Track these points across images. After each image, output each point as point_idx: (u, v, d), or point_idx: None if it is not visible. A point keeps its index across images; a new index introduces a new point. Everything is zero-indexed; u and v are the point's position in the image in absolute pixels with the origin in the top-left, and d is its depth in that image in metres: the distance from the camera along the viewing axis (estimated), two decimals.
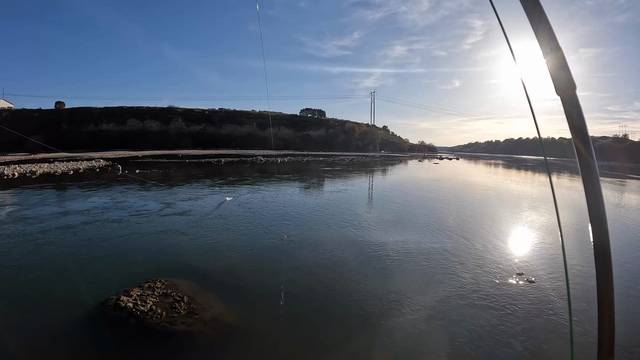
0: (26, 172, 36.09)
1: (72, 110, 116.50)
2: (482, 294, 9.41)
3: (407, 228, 16.32)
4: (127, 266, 11.09)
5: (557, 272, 11.01)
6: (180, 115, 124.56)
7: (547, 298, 9.28)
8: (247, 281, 10.08)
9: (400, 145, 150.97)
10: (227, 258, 12.00)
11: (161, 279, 9.43)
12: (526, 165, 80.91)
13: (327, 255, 12.40)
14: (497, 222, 18.60)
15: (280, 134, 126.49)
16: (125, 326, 7.40)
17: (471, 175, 51.24)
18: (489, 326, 7.75)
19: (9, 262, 11.31)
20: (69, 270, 10.66)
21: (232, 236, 14.59)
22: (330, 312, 8.42)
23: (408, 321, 7.98)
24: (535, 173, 57.58)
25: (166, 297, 8.46)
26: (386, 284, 10.10)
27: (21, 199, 22.39)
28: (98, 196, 24.11)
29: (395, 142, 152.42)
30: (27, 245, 13.03)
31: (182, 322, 7.51)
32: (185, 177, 37.08)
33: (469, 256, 12.50)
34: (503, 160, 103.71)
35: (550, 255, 12.70)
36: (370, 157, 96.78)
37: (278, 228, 15.83)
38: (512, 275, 10.71)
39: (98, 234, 14.50)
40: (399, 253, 12.71)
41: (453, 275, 10.67)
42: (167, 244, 13.43)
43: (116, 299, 8.22)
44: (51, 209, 19.25)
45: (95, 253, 12.32)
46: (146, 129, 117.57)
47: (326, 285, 9.98)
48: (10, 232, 14.59)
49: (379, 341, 7.25)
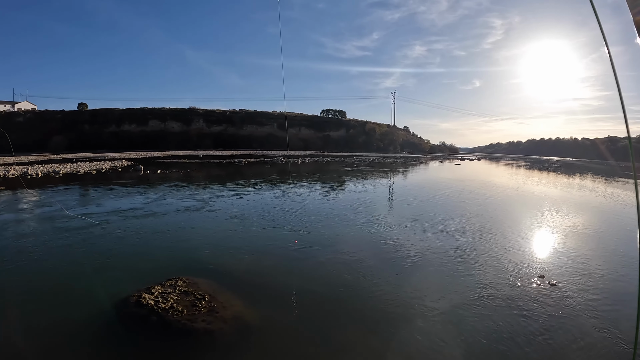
0: (49, 172, 36.87)
1: (95, 112, 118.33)
2: (503, 296, 9.25)
3: (428, 228, 16.19)
4: (148, 264, 11.25)
5: (578, 276, 10.79)
6: (201, 116, 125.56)
7: (569, 301, 9.09)
8: (267, 280, 10.13)
9: (421, 146, 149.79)
10: (246, 257, 12.08)
11: (182, 277, 9.53)
12: (549, 166, 79.58)
13: (346, 255, 12.37)
14: (518, 223, 18.31)
15: (300, 135, 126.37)
16: (146, 323, 7.49)
17: (493, 176, 50.61)
18: (509, 329, 7.62)
19: (34, 260, 11.58)
20: (91, 268, 10.85)
21: (252, 235, 14.68)
22: (349, 312, 8.40)
23: (426, 323, 7.90)
24: (557, 174, 56.62)
25: (187, 295, 8.53)
26: (406, 283, 10.03)
27: (44, 198, 22.87)
28: (120, 196, 24.52)
29: (416, 143, 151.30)
30: (51, 243, 13.32)
31: (203, 320, 7.57)
32: (206, 178, 37.44)
33: (491, 257, 12.31)
34: (525, 161, 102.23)
35: (572, 259, 12.41)
36: (391, 157, 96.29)
37: (297, 228, 15.88)
38: (534, 277, 10.53)
39: (120, 233, 14.74)
40: (420, 253, 12.60)
41: (473, 277, 10.53)
42: (188, 243, 13.59)
43: (138, 296, 8.33)
44: (73, 209, 19.60)
45: (118, 251, 12.52)
46: (167, 130, 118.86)
47: (345, 284, 9.95)
48: (34, 231, 14.93)
49: (396, 341, 7.19)
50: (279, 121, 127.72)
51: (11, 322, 7.73)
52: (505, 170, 67.91)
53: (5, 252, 12.13)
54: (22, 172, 35.42)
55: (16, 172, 34.72)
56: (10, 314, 8.09)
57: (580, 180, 46.43)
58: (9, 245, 12.99)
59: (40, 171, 36.69)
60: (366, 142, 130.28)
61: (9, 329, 7.47)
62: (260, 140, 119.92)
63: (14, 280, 9.98)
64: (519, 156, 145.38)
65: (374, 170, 52.13)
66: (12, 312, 8.21)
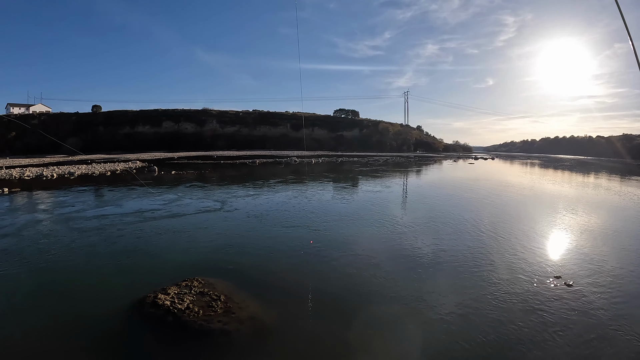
0: (65, 173, 37.32)
1: (109, 114, 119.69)
2: (518, 298, 9.11)
3: (443, 229, 16.01)
4: (164, 264, 11.33)
5: (595, 275, 10.61)
6: (215, 117, 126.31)
7: (585, 301, 8.92)
8: (282, 280, 10.11)
9: (434, 145, 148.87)
10: (262, 257, 12.09)
11: (198, 277, 9.56)
12: (564, 165, 78.59)
13: (361, 255, 12.32)
14: (534, 223, 18.03)
15: (314, 135, 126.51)
16: (162, 323, 7.52)
17: (508, 175, 50.07)
18: (524, 331, 7.50)
19: (54, 261, 11.75)
20: (108, 268, 10.98)
21: (267, 236, 14.69)
22: (364, 313, 8.32)
23: (441, 324, 7.82)
24: (572, 173, 55.91)
25: (203, 296, 8.53)
26: (421, 284, 9.93)
27: (60, 200, 23.18)
28: (135, 197, 24.77)
29: (429, 142, 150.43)
30: (68, 244, 13.50)
31: (219, 321, 7.56)
32: (220, 178, 37.60)
33: (506, 258, 12.14)
34: (539, 160, 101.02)
35: (588, 259, 12.19)
36: (405, 157, 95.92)
37: (312, 228, 15.85)
38: (550, 278, 10.36)
39: (136, 233, 14.87)
40: (434, 253, 12.48)
41: (487, 278, 10.39)
42: (204, 244, 13.64)
43: (154, 297, 8.37)
44: (90, 210, 19.82)
45: (134, 252, 12.65)
46: (181, 131, 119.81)
47: (360, 285, 9.90)
48: (50, 233, 15.13)
49: (412, 342, 7.12)
50: (292, 121, 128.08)
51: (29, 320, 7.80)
52: (519, 169, 67.24)
53: (26, 253, 12.33)
54: (37, 173, 35.83)
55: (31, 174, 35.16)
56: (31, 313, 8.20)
57: (596, 179, 45.78)
58: (29, 246, 13.21)
59: (56, 172, 37.09)
60: (379, 141, 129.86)
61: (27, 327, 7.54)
62: (274, 141, 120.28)
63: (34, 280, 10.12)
64: (533, 155, 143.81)
65: (388, 170, 51.94)
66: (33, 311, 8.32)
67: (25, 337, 7.23)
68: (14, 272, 10.61)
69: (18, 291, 9.40)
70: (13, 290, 9.41)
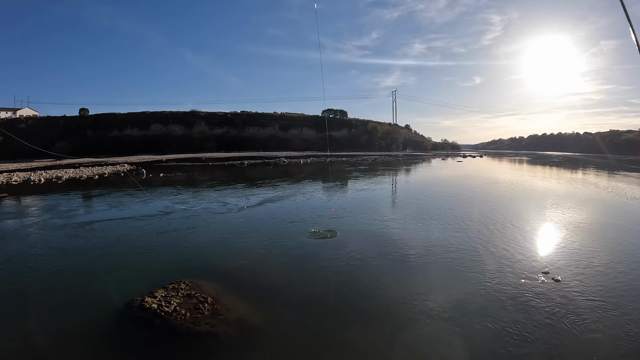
0: (52, 178, 36.87)
1: (97, 117, 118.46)
2: (506, 294, 9.18)
3: (432, 226, 16.09)
4: (151, 268, 11.25)
5: (583, 271, 10.73)
6: (203, 119, 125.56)
7: (572, 297, 9.01)
8: (270, 282, 10.10)
9: (423, 144, 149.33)
10: (250, 258, 12.05)
11: (185, 280, 9.52)
12: (551, 161, 79.33)
13: (349, 253, 12.34)
14: (522, 219, 18.15)
15: (302, 135, 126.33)
16: (149, 327, 7.48)
17: (496, 173, 50.45)
18: (512, 327, 7.56)
19: (40, 265, 11.59)
20: (94, 273, 10.87)
21: (255, 237, 14.64)
22: (352, 311, 8.36)
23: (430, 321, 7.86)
24: (560, 169, 56.47)
25: (190, 298, 8.51)
26: (410, 281, 9.99)
27: (47, 205, 22.92)
28: (122, 200, 24.60)
29: (418, 141, 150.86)
30: (54, 248, 13.37)
31: (206, 323, 7.55)
32: (208, 180, 37.35)
33: (495, 253, 12.26)
34: (528, 157, 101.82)
35: (576, 254, 12.33)
36: (394, 156, 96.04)
37: (301, 228, 15.83)
38: (538, 274, 10.46)
39: (122, 237, 14.76)
40: (424, 250, 12.53)
41: (477, 274, 10.46)
42: (191, 246, 13.58)
43: (141, 300, 8.32)
44: (77, 214, 19.67)
45: (120, 255, 12.54)
46: (170, 133, 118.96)
47: (348, 283, 9.92)
48: (37, 238, 14.98)
49: (400, 340, 7.15)
50: (280, 122, 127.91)
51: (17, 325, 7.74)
52: (508, 166, 67.79)
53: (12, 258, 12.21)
54: (25, 178, 35.48)
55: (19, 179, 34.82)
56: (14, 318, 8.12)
57: (583, 175, 46.26)
58: (15, 250, 13.06)
59: (43, 177, 36.70)
60: (368, 141, 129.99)
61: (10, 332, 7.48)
62: (263, 142, 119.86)
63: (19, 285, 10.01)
64: (521, 152, 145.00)
65: (377, 170, 52.07)
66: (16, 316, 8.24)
67: (9, 341, 7.17)
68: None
69: (2, 297, 9.30)
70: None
